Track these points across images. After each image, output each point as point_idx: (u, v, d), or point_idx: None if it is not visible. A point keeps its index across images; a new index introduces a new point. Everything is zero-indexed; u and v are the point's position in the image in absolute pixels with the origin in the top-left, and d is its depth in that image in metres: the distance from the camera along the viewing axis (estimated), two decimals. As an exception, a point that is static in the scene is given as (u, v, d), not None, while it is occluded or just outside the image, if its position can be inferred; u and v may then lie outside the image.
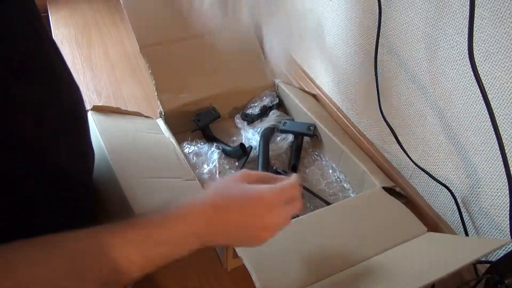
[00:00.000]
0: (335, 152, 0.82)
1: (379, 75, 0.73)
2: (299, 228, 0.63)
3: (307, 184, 0.80)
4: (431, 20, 0.62)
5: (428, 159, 0.71)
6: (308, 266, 0.57)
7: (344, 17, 0.82)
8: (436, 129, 0.68)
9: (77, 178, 0.53)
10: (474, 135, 0.61)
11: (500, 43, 0.52)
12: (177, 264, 0.65)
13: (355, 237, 0.62)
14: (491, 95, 0.56)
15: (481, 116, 0.59)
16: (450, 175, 0.68)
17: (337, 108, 0.93)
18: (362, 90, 0.83)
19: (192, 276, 0.64)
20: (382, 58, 0.74)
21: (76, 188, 0.52)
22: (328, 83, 0.95)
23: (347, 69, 0.86)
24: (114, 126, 0.73)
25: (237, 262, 0.64)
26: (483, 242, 0.56)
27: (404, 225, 0.65)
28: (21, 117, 0.41)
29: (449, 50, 0.61)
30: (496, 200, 0.60)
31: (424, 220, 0.67)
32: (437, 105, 0.66)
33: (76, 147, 0.52)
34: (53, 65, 0.46)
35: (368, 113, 0.83)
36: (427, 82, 0.66)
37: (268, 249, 0.59)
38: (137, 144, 0.72)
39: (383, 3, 0.68)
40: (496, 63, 0.54)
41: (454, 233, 0.70)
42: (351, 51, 0.83)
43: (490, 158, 0.60)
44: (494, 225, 0.62)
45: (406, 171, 0.78)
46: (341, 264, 0.58)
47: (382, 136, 0.81)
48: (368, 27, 0.76)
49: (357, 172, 0.77)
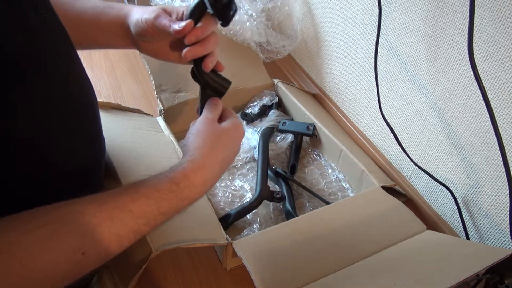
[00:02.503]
0: (334, 152, 0.82)
1: (379, 75, 0.73)
2: (298, 227, 0.63)
3: (306, 184, 0.80)
4: (431, 20, 0.62)
5: (428, 159, 0.72)
6: (308, 265, 0.57)
7: (344, 17, 0.82)
8: (436, 129, 0.68)
9: (87, 178, 0.53)
10: (474, 135, 0.61)
11: (500, 43, 0.53)
12: (177, 264, 0.65)
13: (354, 236, 0.62)
14: (491, 95, 0.56)
15: (481, 116, 0.59)
16: (450, 175, 0.68)
17: (337, 108, 0.93)
18: (362, 90, 0.83)
19: (192, 276, 0.64)
20: (382, 58, 0.74)
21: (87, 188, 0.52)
22: (328, 83, 0.95)
23: (347, 69, 0.86)
24: (114, 123, 0.73)
25: (237, 262, 0.64)
26: (490, 250, 0.56)
27: (403, 223, 0.66)
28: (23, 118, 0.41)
29: (449, 50, 0.61)
30: (496, 200, 0.60)
31: (424, 220, 0.67)
32: (437, 105, 0.66)
33: (86, 147, 0.52)
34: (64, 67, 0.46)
35: (368, 113, 0.83)
36: (427, 82, 0.66)
37: (268, 248, 0.59)
38: (137, 141, 0.72)
39: (383, 3, 0.68)
40: (496, 63, 0.54)
41: (454, 233, 0.70)
42: (351, 51, 0.83)
43: (490, 158, 0.60)
44: (494, 225, 0.62)
45: (406, 171, 0.78)
46: (341, 263, 0.58)
47: (382, 136, 0.81)
48: (368, 27, 0.76)
49: (356, 171, 0.77)
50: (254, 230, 0.70)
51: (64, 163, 0.47)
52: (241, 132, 0.55)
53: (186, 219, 0.60)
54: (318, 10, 0.91)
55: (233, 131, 0.53)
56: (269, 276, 0.54)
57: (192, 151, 0.49)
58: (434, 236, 0.63)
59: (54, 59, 0.44)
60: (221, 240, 0.59)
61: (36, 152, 0.43)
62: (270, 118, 0.90)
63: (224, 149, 0.52)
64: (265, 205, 0.74)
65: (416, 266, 0.54)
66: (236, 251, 0.58)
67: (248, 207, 0.71)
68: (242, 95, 0.94)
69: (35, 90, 0.41)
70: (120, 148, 0.67)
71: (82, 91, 0.50)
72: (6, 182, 0.42)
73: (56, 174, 0.46)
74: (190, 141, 0.51)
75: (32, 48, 0.40)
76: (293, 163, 0.82)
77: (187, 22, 0.50)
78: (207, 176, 0.48)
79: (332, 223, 0.64)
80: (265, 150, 0.82)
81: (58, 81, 0.45)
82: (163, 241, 0.54)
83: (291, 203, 0.73)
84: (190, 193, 0.46)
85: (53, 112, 0.44)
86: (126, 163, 0.64)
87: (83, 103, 0.50)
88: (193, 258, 0.67)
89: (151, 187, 0.43)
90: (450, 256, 0.55)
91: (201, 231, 0.59)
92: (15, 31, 0.38)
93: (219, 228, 0.61)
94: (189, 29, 0.50)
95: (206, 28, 0.51)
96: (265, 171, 0.77)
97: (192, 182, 0.46)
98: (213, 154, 0.50)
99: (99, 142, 0.55)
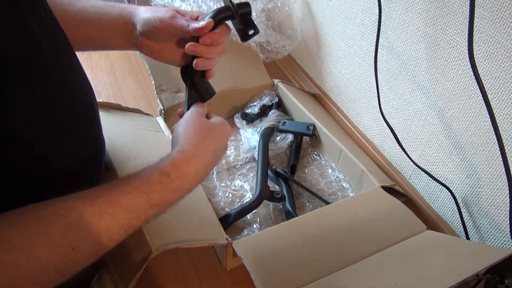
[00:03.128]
0: (334, 152, 0.82)
1: (379, 75, 0.73)
2: (298, 227, 0.63)
3: (306, 184, 0.80)
4: (431, 20, 0.62)
5: (428, 159, 0.71)
6: (308, 265, 0.57)
7: (344, 17, 0.82)
8: (436, 129, 0.68)
9: (87, 178, 0.53)
10: (474, 135, 0.61)
11: (500, 43, 0.53)
12: (177, 264, 0.65)
13: (354, 236, 0.62)
14: (491, 95, 0.56)
15: (481, 116, 0.59)
16: (450, 175, 0.68)
17: (337, 108, 0.93)
18: (362, 90, 0.83)
19: (192, 276, 0.64)
20: (382, 58, 0.74)
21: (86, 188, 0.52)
22: (328, 83, 0.95)
23: (347, 69, 0.86)
24: (114, 123, 0.73)
25: (237, 262, 0.64)
26: (490, 250, 0.56)
27: (403, 223, 0.65)
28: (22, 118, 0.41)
29: (449, 50, 0.61)
30: (496, 200, 0.60)
31: (424, 220, 0.67)
32: (437, 105, 0.66)
33: (86, 148, 0.52)
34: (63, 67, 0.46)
35: (368, 113, 0.83)
36: (427, 82, 0.66)
37: (268, 248, 0.59)
38: (137, 141, 0.72)
39: (383, 3, 0.68)
40: (496, 63, 0.54)
41: (454, 233, 0.70)
42: (351, 51, 0.83)
43: (490, 158, 0.60)
44: (494, 225, 0.62)
45: (406, 171, 0.78)
46: (341, 263, 0.58)
47: (382, 136, 0.81)
48: (368, 27, 0.76)
49: (356, 171, 0.77)
50: (254, 230, 0.70)
51: (63, 163, 0.47)
52: (228, 129, 0.56)
53: (186, 219, 0.60)
54: (318, 10, 0.91)
55: (222, 127, 0.54)
56: (269, 276, 0.54)
57: (182, 142, 0.49)
58: (434, 236, 0.63)
59: (52, 59, 0.44)
60: (221, 240, 0.59)
61: (35, 152, 0.43)
62: (270, 118, 0.90)
63: (214, 142, 0.52)
64: (265, 205, 0.74)
65: (416, 266, 0.54)
66: (236, 251, 0.58)
67: (248, 207, 0.71)
68: (242, 95, 0.94)
69: (33, 90, 0.41)
70: (120, 148, 0.67)
71: (81, 91, 0.50)
72: (5, 182, 0.42)
73: (55, 174, 0.46)
74: (179, 132, 0.51)
75: (31, 48, 0.40)
76: (293, 163, 0.82)
77: (208, 21, 0.51)
78: (199, 166, 0.48)
79: (332, 223, 0.64)
80: (265, 150, 0.82)
81: (57, 81, 0.45)
82: (163, 241, 0.54)
83: (291, 203, 0.73)
84: (181, 184, 0.46)
85: (52, 112, 0.44)
86: (126, 163, 0.64)
87: (83, 103, 0.50)
88: (193, 258, 0.67)
89: (141, 179, 0.43)
90: (450, 256, 0.55)
91: (201, 231, 0.59)
92: (13, 31, 0.38)
93: (219, 228, 0.61)
94: (209, 28, 0.51)
95: (222, 35, 0.54)
96: (265, 171, 0.77)
97: (183, 172, 0.46)
98: (204, 144, 0.50)
99: (99, 142, 0.55)
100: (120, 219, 0.41)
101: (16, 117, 0.40)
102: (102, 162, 0.58)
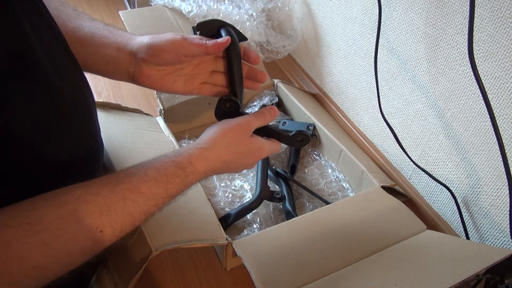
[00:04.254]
0: (334, 152, 0.82)
1: (379, 75, 0.73)
2: (298, 227, 0.63)
3: (306, 184, 0.80)
4: (431, 20, 0.62)
5: (428, 159, 0.72)
6: (308, 265, 0.57)
7: (344, 17, 0.82)
8: (436, 129, 0.68)
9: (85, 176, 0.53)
10: (474, 135, 0.61)
11: (500, 43, 0.53)
12: (177, 264, 0.65)
13: (354, 236, 0.62)
14: (491, 95, 0.56)
15: (481, 116, 0.59)
16: (450, 175, 0.68)
17: (337, 108, 0.93)
18: (362, 90, 0.83)
19: (192, 276, 0.64)
20: (382, 58, 0.74)
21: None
22: (328, 83, 0.95)
23: (347, 69, 0.86)
24: (114, 123, 0.73)
25: (237, 262, 0.64)
26: (490, 250, 0.56)
27: (403, 223, 0.66)
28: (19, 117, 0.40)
29: (449, 50, 0.61)
30: (496, 200, 0.60)
31: (424, 220, 0.67)
32: (437, 105, 0.66)
33: (81, 146, 0.52)
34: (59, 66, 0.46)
35: (368, 113, 0.83)
36: (427, 82, 0.66)
37: (268, 248, 0.59)
38: (137, 141, 0.72)
39: (383, 3, 0.68)
40: (496, 63, 0.54)
41: (454, 233, 0.70)
42: (351, 51, 0.83)
43: (490, 158, 0.60)
44: (494, 225, 0.62)
45: (406, 171, 0.78)
46: (341, 263, 0.58)
47: (382, 136, 0.81)
48: (368, 27, 0.76)
49: (356, 171, 0.77)
50: (254, 230, 0.70)
51: (61, 162, 0.47)
52: (260, 154, 0.56)
53: (186, 219, 0.60)
54: (318, 10, 0.91)
55: (255, 150, 0.55)
56: (269, 276, 0.54)
57: (206, 140, 0.51)
58: (434, 236, 0.63)
59: (49, 59, 0.44)
60: (221, 240, 0.59)
61: (34, 150, 0.43)
62: (270, 118, 0.90)
63: (237, 156, 0.53)
64: (265, 205, 0.74)
65: (416, 266, 0.54)
66: (236, 251, 0.58)
67: (248, 207, 0.71)
68: (242, 95, 0.94)
69: (32, 89, 0.41)
70: (120, 148, 0.67)
71: (78, 89, 0.50)
72: (4, 181, 0.42)
73: (54, 173, 0.46)
74: (212, 130, 0.52)
75: (23, 46, 0.40)
76: (293, 163, 0.82)
77: (227, 37, 0.53)
78: (208, 168, 0.50)
79: (332, 223, 0.64)
80: (265, 150, 0.82)
81: (53, 78, 0.44)
82: (163, 241, 0.54)
83: (291, 203, 0.73)
84: (192, 179, 0.48)
85: (49, 111, 0.44)
86: (126, 163, 0.64)
87: (79, 102, 0.50)
88: (193, 258, 0.67)
89: (159, 171, 0.45)
90: (450, 256, 0.55)
91: (201, 231, 0.59)
92: (6, 30, 0.38)
93: (219, 228, 0.61)
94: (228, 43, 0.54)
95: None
96: (265, 171, 0.77)
97: (196, 169, 0.48)
98: (224, 152, 0.51)
99: (95, 141, 0.55)
100: (141, 206, 0.43)
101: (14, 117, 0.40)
102: (99, 161, 0.58)
